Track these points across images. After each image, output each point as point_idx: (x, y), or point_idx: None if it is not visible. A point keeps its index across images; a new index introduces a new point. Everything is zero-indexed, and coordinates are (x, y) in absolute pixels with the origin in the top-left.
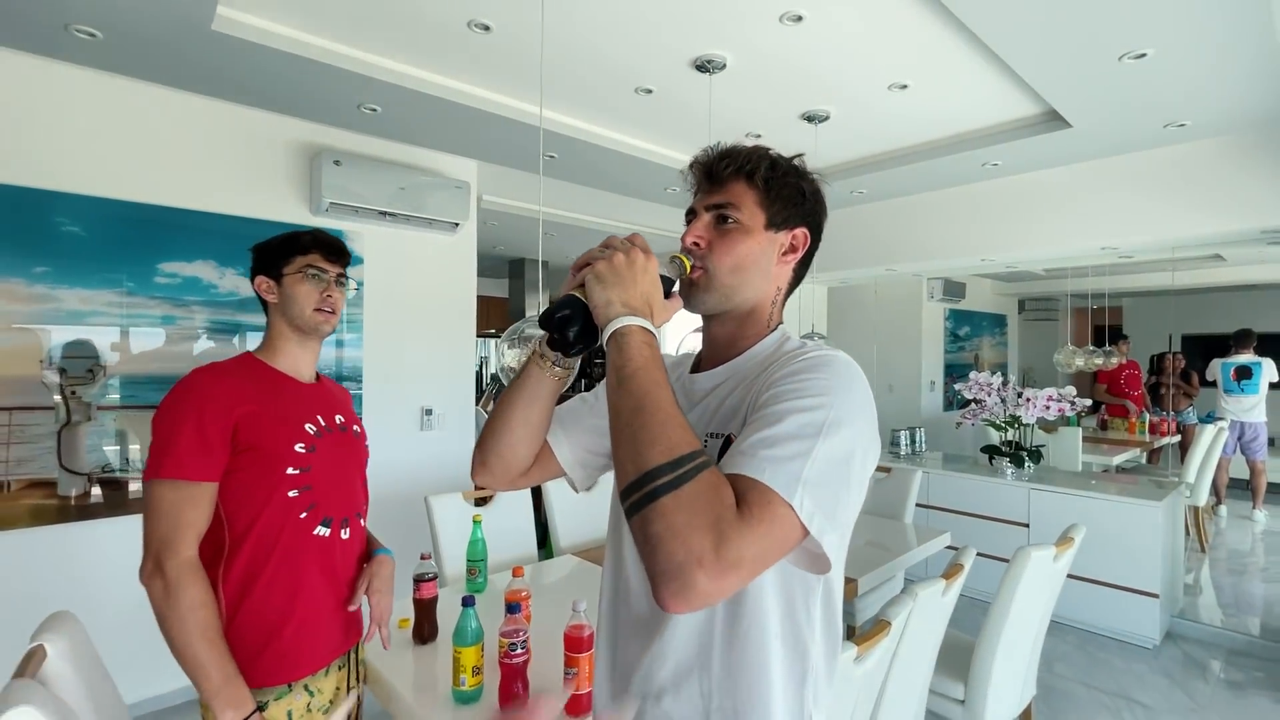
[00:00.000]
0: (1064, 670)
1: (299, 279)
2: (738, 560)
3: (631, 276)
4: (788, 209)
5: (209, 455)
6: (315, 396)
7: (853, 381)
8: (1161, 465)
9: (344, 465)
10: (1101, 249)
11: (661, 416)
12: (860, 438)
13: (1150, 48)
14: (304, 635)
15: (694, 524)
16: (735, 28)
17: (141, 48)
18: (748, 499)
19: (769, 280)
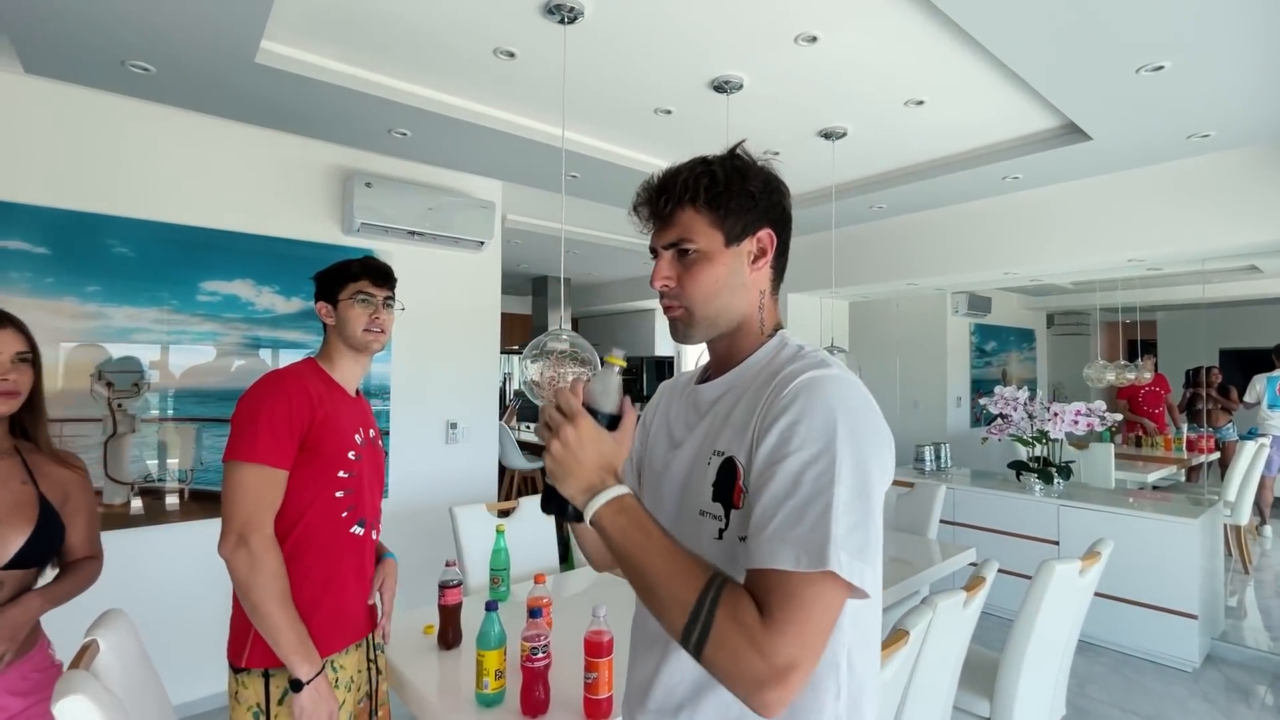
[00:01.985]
0: (1097, 693)
1: (350, 303)
2: (790, 661)
3: (575, 462)
4: (742, 218)
5: (288, 445)
6: (358, 409)
7: (848, 404)
8: (1200, 483)
9: (376, 473)
10: (1128, 261)
11: (662, 578)
12: (871, 461)
13: (1167, 60)
14: (334, 619)
15: (738, 656)
16: (751, 50)
17: (191, 80)
18: (775, 598)
19: (748, 291)
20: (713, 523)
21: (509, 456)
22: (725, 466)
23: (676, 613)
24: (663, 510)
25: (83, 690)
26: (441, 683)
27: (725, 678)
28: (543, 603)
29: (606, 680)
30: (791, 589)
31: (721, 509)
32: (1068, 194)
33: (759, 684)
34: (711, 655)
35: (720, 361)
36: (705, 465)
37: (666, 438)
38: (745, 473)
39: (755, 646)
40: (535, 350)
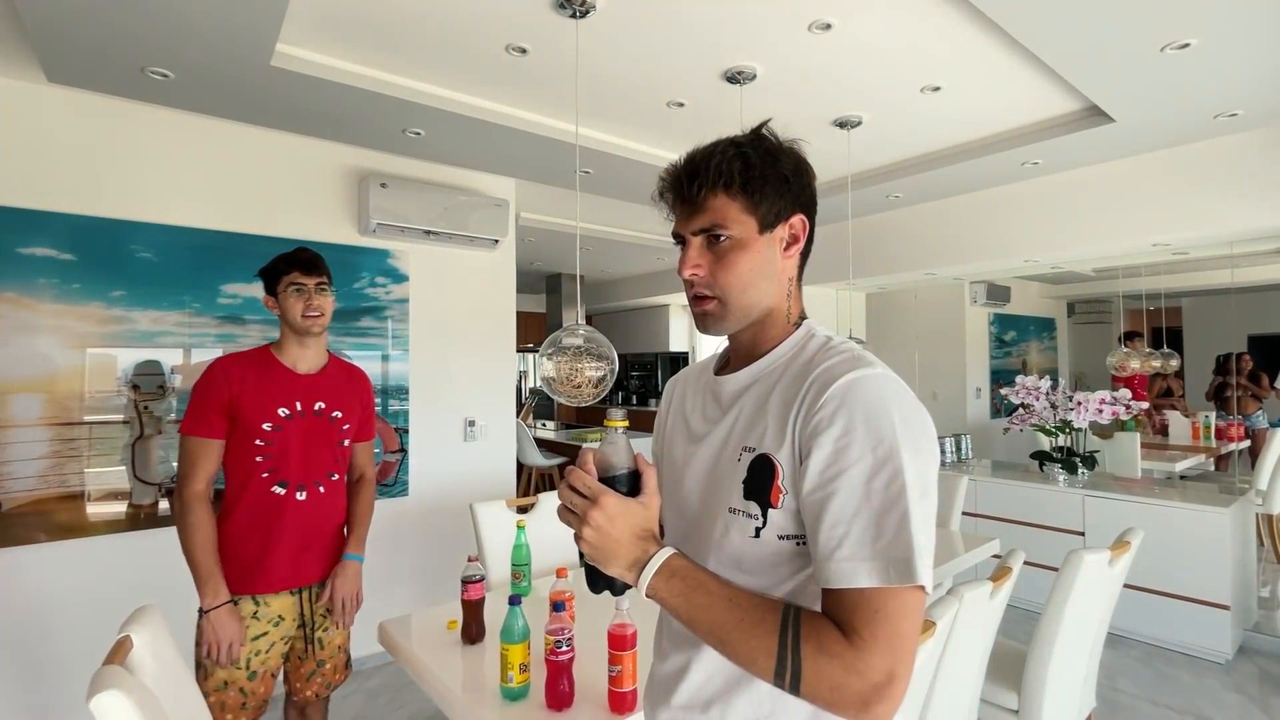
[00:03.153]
0: (1128, 685)
1: (286, 294)
2: (889, 674)
3: (612, 542)
4: (777, 202)
5: (215, 418)
6: (304, 386)
7: (900, 405)
8: (1230, 472)
9: (310, 443)
10: (1153, 245)
11: (736, 632)
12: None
13: (1193, 38)
14: (258, 563)
15: (836, 684)
16: (764, 39)
17: (208, 85)
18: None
19: (779, 279)
20: (747, 521)
21: (526, 454)
22: (759, 464)
23: (762, 660)
24: (686, 505)
25: (118, 685)
26: (466, 677)
27: (829, 706)
28: (565, 596)
29: (631, 673)
30: (878, 604)
31: (758, 508)
32: (1089, 178)
33: (864, 703)
34: (810, 691)
35: (744, 352)
36: (735, 461)
37: (685, 430)
38: (784, 473)
39: (851, 670)
40: (551, 347)
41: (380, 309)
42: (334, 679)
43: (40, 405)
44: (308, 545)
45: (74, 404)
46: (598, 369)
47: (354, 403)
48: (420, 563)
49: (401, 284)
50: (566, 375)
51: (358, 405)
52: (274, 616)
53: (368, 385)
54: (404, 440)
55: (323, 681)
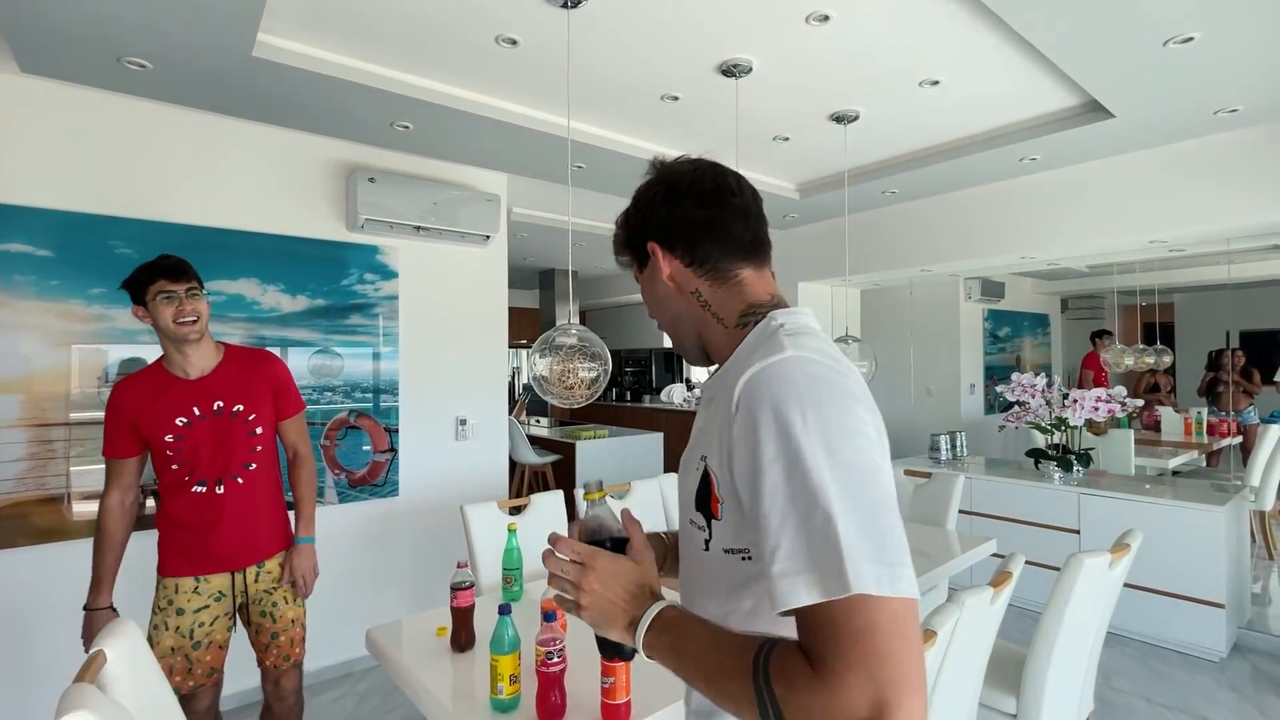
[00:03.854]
0: (1123, 684)
1: (156, 303)
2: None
3: (609, 604)
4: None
5: (122, 441)
6: (198, 391)
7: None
8: (1222, 468)
9: (217, 440)
10: (1150, 242)
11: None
12: (847, 440)
13: (1197, 31)
14: (191, 550)
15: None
16: (761, 30)
17: (188, 76)
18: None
19: (679, 298)
20: (699, 533)
21: (519, 451)
22: (705, 476)
23: (747, 709)
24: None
25: (87, 706)
26: (455, 687)
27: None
28: (557, 605)
29: (624, 685)
30: (834, 624)
31: (704, 519)
32: (1087, 175)
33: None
34: None
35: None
36: (695, 471)
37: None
38: (718, 482)
39: (830, 706)
40: (544, 345)
41: (369, 306)
42: (292, 651)
43: (18, 405)
44: (237, 532)
45: (53, 404)
46: (591, 370)
47: (258, 390)
48: (411, 565)
49: (391, 280)
50: (559, 376)
51: (264, 391)
52: (214, 592)
53: (274, 365)
54: (394, 440)
55: (279, 653)
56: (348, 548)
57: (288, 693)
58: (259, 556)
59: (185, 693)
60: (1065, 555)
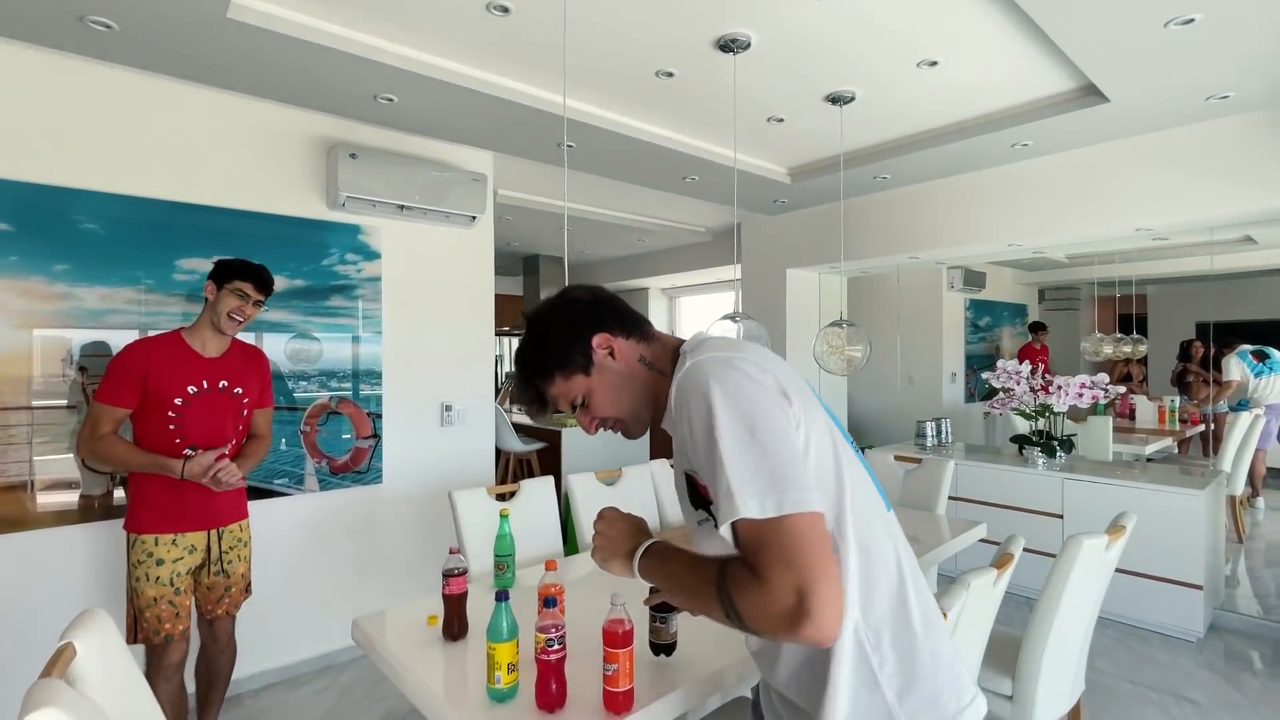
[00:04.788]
0: (1106, 666)
1: (228, 293)
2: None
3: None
4: (572, 357)
5: (126, 391)
6: (210, 367)
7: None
8: (1192, 454)
9: (216, 415)
10: (1136, 230)
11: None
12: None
13: (1199, 11)
14: (175, 507)
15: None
16: (761, 3)
17: (157, 38)
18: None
19: (630, 374)
20: (705, 524)
21: (505, 439)
22: (688, 478)
23: (715, 608)
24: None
25: (54, 703)
26: (448, 677)
27: (770, 634)
28: (555, 590)
29: (627, 671)
30: (753, 540)
31: (704, 511)
32: (1076, 162)
33: (789, 623)
34: (750, 621)
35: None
36: (681, 480)
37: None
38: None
39: (765, 594)
40: None
41: (350, 288)
42: (239, 598)
43: None
44: (213, 495)
45: (14, 387)
46: None
47: (253, 379)
48: (396, 553)
49: (373, 261)
50: None
51: (256, 380)
52: (189, 545)
53: (265, 362)
54: (377, 426)
55: (230, 601)
56: (329, 537)
57: (223, 635)
58: (229, 519)
59: (176, 637)
60: (1049, 539)
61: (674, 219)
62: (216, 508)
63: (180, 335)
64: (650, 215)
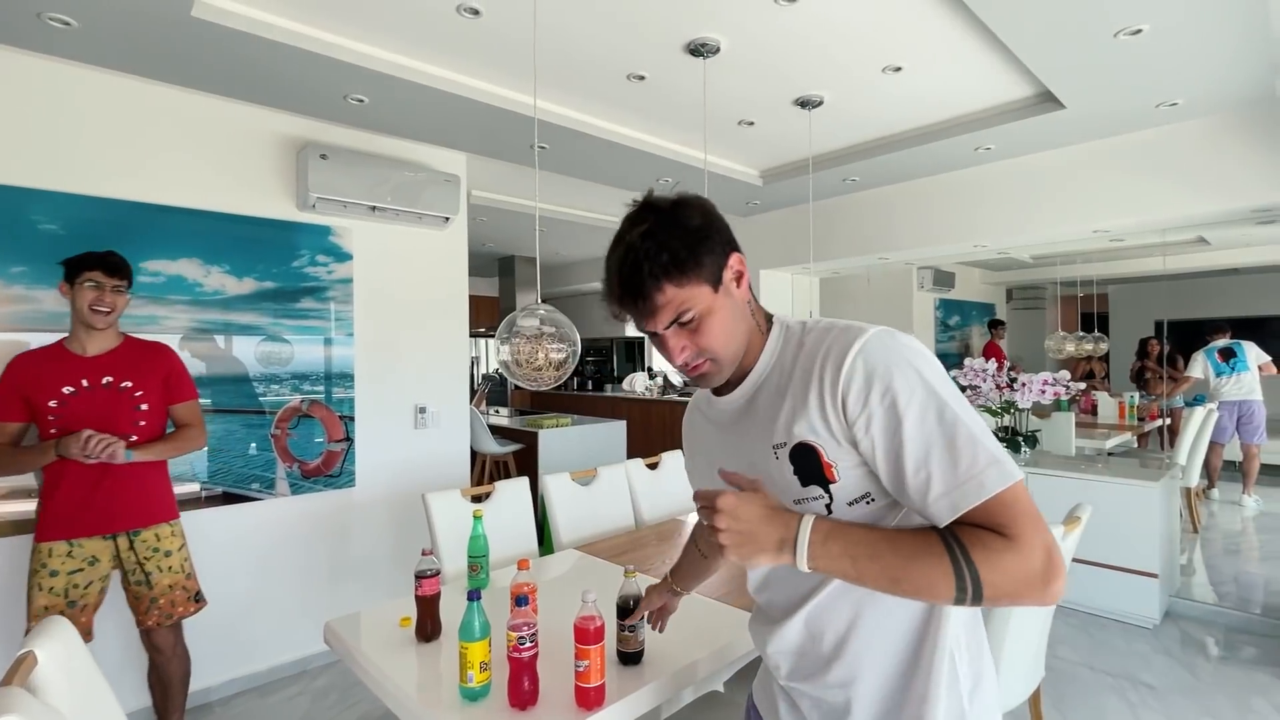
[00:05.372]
0: (1067, 653)
1: (82, 287)
2: (1046, 549)
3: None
4: (710, 260)
5: (6, 406)
6: (89, 365)
7: (908, 349)
8: (1151, 448)
9: (100, 412)
10: (1094, 232)
11: (914, 567)
12: (948, 381)
13: (1146, 23)
14: (66, 511)
15: (1016, 577)
16: (729, 9)
17: (119, 36)
18: (997, 522)
19: (744, 312)
20: (815, 503)
21: (480, 441)
22: (800, 452)
23: (942, 583)
24: None
25: (15, 710)
26: (421, 677)
27: (1015, 598)
28: (527, 589)
29: (598, 667)
30: (1005, 507)
31: (819, 489)
32: (1037, 165)
33: (1044, 581)
34: (995, 591)
35: (737, 374)
36: (773, 461)
37: (705, 459)
38: (826, 450)
39: (1021, 555)
40: (508, 329)
41: (321, 290)
42: (174, 611)
43: None
44: (113, 498)
45: None
46: (560, 350)
47: (150, 373)
48: (369, 556)
49: (345, 263)
50: (526, 357)
51: (156, 375)
52: (88, 557)
53: (168, 356)
54: (349, 429)
55: (160, 614)
56: (301, 541)
57: (165, 646)
58: (134, 524)
59: None
60: None
61: None
62: (116, 511)
63: (61, 342)
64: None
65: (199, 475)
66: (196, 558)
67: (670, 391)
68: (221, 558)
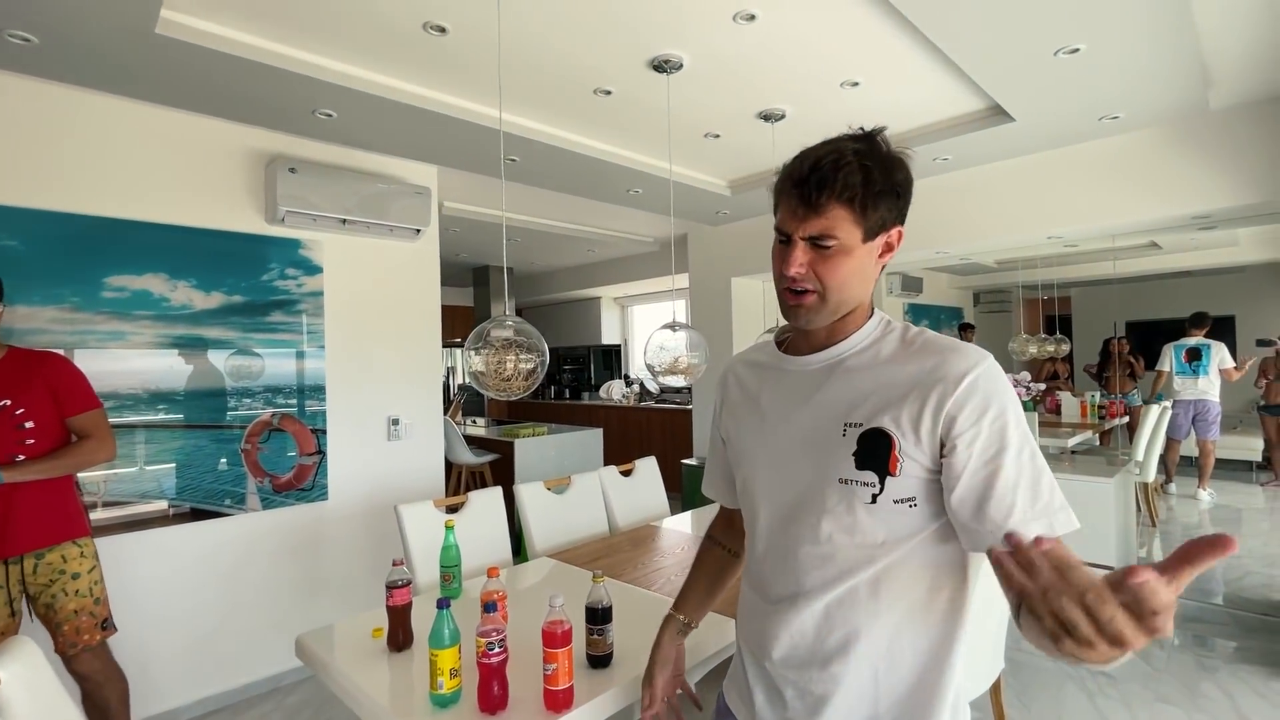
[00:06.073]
0: (1029, 645)
1: None
2: None
3: None
4: (884, 216)
5: None
6: None
7: (1010, 387)
8: (1112, 446)
9: None
10: (1048, 238)
11: None
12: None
13: (1083, 43)
14: None
15: None
16: (690, 27)
17: (82, 53)
18: None
19: (870, 279)
20: (863, 489)
21: (456, 452)
22: (871, 437)
23: None
24: (789, 480)
25: None
26: (393, 686)
27: None
28: (497, 596)
29: (566, 670)
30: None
31: (874, 476)
32: (993, 175)
33: None
34: None
35: (818, 338)
36: (839, 436)
37: (756, 411)
38: (900, 445)
39: None
40: (478, 340)
41: (292, 303)
42: (79, 639)
43: None
44: (7, 519)
45: None
46: (528, 360)
47: (32, 387)
48: (344, 570)
49: (315, 276)
50: (494, 369)
51: (38, 389)
52: None
53: (55, 366)
54: (321, 442)
55: (65, 641)
56: (273, 556)
57: (90, 672)
58: (30, 546)
59: None
60: None
61: (622, 230)
62: (13, 533)
63: None
64: (599, 226)
65: (167, 493)
66: (163, 576)
67: (647, 399)
68: (190, 575)
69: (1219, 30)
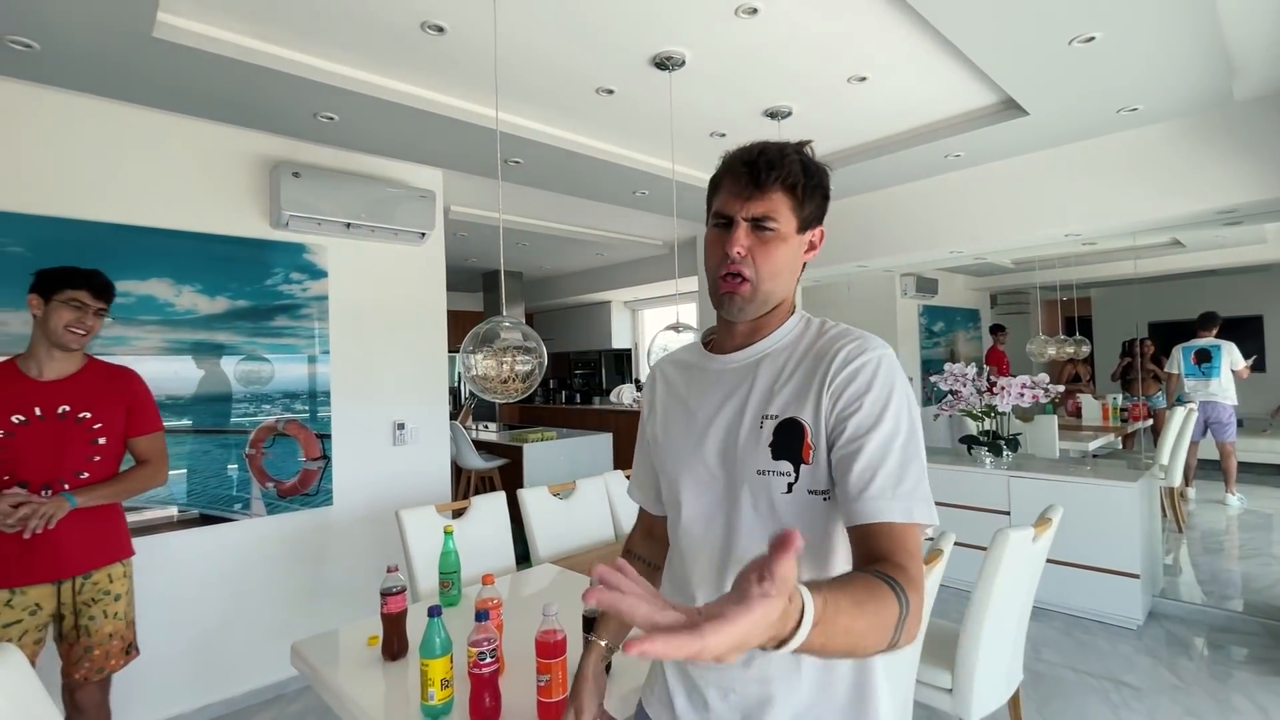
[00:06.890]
0: (1051, 655)
1: (59, 305)
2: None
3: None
4: (814, 211)
5: None
6: (46, 392)
7: (904, 381)
8: (1135, 449)
9: (52, 445)
10: (1065, 236)
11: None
12: (920, 425)
13: (1099, 31)
14: (14, 557)
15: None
16: (692, 23)
17: (82, 59)
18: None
19: (795, 275)
20: (778, 479)
21: (464, 457)
22: (786, 427)
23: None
24: (707, 477)
25: None
26: (387, 696)
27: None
28: (491, 605)
29: (560, 681)
30: (907, 540)
31: (789, 465)
32: (1007, 171)
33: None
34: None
35: (743, 335)
36: (756, 429)
37: (683, 410)
38: (811, 432)
39: (919, 598)
40: (474, 341)
41: (297, 307)
42: (106, 664)
43: None
44: (63, 540)
45: None
46: (525, 362)
47: (111, 403)
48: (347, 576)
49: (320, 280)
50: (493, 371)
51: (117, 405)
52: (30, 605)
53: (134, 383)
54: (326, 447)
55: (91, 666)
56: (277, 561)
57: (89, 706)
58: (85, 566)
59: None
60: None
61: (630, 233)
62: (67, 554)
63: (14, 361)
64: (607, 230)
65: (177, 498)
66: (168, 583)
67: None
68: (195, 580)
69: (1242, 17)
